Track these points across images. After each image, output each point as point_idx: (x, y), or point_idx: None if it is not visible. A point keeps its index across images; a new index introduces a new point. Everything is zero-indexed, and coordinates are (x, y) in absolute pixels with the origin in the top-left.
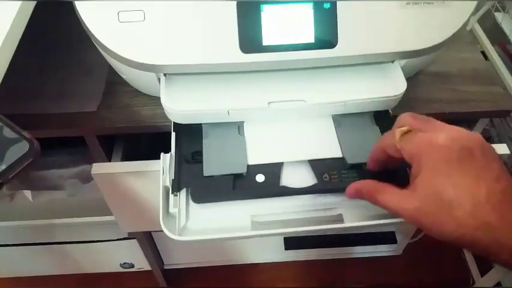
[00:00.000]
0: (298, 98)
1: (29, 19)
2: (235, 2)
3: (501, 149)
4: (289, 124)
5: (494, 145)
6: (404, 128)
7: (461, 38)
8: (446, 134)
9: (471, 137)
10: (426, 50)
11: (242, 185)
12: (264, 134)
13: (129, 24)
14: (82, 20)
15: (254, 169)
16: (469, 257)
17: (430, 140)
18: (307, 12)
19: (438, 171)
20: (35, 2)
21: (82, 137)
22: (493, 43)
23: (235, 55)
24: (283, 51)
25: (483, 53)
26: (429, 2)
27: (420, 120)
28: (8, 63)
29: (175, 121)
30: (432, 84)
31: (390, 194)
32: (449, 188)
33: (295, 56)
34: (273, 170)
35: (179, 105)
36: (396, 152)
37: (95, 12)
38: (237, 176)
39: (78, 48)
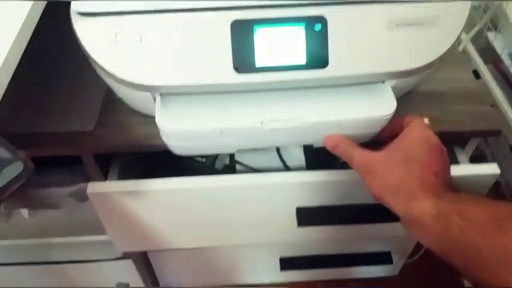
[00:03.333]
0: (291, 118)
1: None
2: (229, 23)
3: (491, 168)
4: None
5: (484, 165)
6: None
7: (453, 57)
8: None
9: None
10: (416, 71)
11: None
12: None
13: (126, 45)
14: (79, 40)
15: None
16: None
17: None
18: (299, 33)
19: (414, 149)
20: (38, 16)
21: (79, 156)
22: (486, 62)
23: (229, 76)
24: (275, 71)
25: (476, 71)
26: (418, 23)
27: None
28: (10, 78)
29: (168, 142)
30: (424, 103)
31: (361, 149)
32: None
33: (288, 77)
34: None
35: (173, 125)
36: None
37: (93, 33)
38: None
39: (76, 66)
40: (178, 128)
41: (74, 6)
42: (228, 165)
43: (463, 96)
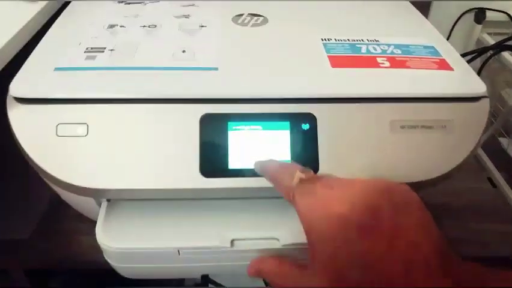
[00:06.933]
0: (270, 236)
1: None
2: (198, 118)
3: None
4: None
5: None
6: (304, 176)
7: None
8: (343, 194)
9: (376, 191)
10: (427, 183)
11: None
12: None
13: (69, 139)
14: (13, 131)
15: None
16: None
17: (325, 205)
18: (282, 132)
19: (337, 250)
20: None
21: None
22: (499, 169)
23: (194, 179)
24: (252, 176)
25: (491, 179)
26: (427, 126)
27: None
28: None
29: (113, 263)
30: (441, 220)
31: (292, 279)
32: (354, 270)
33: (268, 183)
34: None
35: (117, 242)
36: (288, 198)
37: (29, 124)
38: None
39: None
40: (123, 247)
41: (12, 90)
42: (199, 284)
43: (484, 212)
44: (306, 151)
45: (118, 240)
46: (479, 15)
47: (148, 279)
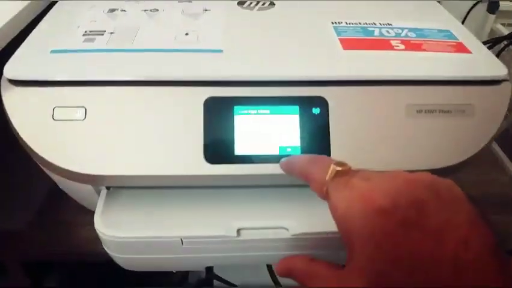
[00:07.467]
0: (278, 225)
1: None
2: (202, 101)
3: None
4: None
5: None
6: (340, 168)
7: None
8: (385, 187)
9: (421, 185)
10: (442, 171)
11: None
12: None
13: (66, 123)
14: (8, 115)
15: None
16: None
17: (365, 198)
18: (292, 117)
19: (379, 248)
20: None
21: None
22: None
23: (198, 166)
24: (260, 163)
25: None
26: (445, 111)
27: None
28: None
29: (112, 254)
30: None
31: (325, 280)
32: (398, 270)
33: (276, 170)
34: None
35: (116, 231)
36: (321, 193)
37: (25, 107)
38: None
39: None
40: (122, 236)
41: (7, 72)
42: (202, 280)
43: (501, 204)
44: (317, 137)
45: (116, 228)
46: (492, 4)
47: (149, 274)
